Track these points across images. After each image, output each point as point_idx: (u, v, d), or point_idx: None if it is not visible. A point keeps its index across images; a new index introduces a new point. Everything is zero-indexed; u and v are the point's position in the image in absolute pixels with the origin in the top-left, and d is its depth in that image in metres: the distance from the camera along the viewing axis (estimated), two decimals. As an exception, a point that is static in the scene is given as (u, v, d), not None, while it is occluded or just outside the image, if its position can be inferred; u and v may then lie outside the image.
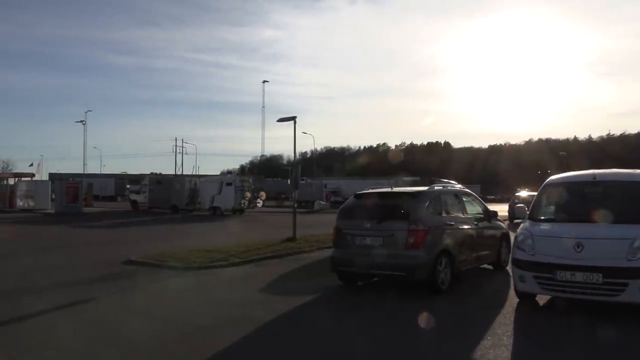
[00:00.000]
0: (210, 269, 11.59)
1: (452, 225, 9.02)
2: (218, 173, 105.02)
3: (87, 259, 13.47)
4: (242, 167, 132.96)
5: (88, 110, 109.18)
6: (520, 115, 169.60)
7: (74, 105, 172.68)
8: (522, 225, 8.06)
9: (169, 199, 38.07)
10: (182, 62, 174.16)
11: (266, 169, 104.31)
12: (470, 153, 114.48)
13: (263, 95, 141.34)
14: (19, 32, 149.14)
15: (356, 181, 59.90)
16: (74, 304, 8.19)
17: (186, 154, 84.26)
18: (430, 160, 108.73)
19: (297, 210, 36.89)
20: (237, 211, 36.02)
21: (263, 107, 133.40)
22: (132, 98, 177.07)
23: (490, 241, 10.42)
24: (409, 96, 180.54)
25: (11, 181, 43.52)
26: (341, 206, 9.63)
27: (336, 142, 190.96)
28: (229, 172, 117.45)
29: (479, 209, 10.44)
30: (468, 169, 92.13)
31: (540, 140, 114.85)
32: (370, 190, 10.01)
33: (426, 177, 63.48)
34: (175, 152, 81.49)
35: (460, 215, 9.59)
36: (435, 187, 9.52)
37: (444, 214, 9.08)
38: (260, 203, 37.35)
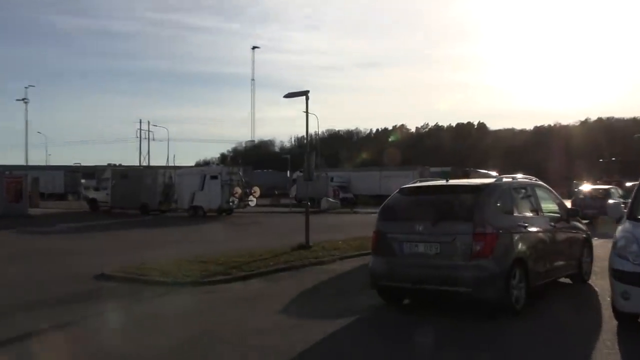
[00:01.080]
0: (209, 285, 11.47)
1: (526, 227, 8.87)
2: (192, 164, 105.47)
3: (50, 273, 13.34)
4: (224, 156, 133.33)
5: (29, 86, 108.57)
6: (573, 91, 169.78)
7: (11, 81, 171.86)
8: (621, 227, 7.91)
9: (137, 197, 38.12)
10: (147, 24, 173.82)
11: (254, 159, 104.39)
12: (510, 136, 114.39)
13: (253, 66, 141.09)
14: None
15: (370, 173, 60.03)
16: (44, 332, 8.05)
17: (153, 139, 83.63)
18: (460, 145, 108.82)
19: (299, 210, 36.92)
20: (224, 211, 36.05)
21: (253, 79, 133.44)
22: (84, 71, 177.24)
23: (570, 248, 10.30)
24: (433, 66, 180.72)
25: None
26: (383, 204, 9.49)
27: (342, 124, 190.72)
28: (207, 163, 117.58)
29: (554, 206, 10.31)
30: (507, 156, 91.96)
31: (600, 119, 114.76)
32: (421, 184, 9.87)
33: (458, 167, 64.17)
34: (140, 137, 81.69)
35: (535, 214, 9.46)
36: (504, 179, 9.37)
37: (516, 213, 8.95)
38: (253, 201, 37.26)
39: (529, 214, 9.31)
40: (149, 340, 7.69)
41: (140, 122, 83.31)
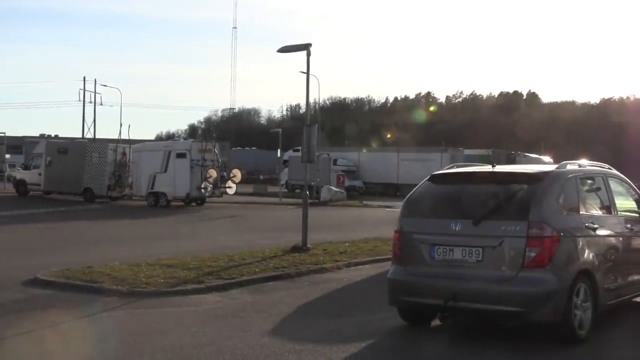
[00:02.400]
0: (176, 297, 11.60)
1: (595, 229, 8.89)
2: (152, 138, 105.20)
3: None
4: (194, 128, 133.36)
5: None
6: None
7: None
8: None
9: (79, 180, 38.23)
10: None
11: (234, 133, 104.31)
12: (570, 111, 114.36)
13: (235, 10, 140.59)
14: None
15: (385, 155, 60.06)
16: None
17: (102, 104, 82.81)
18: (505, 122, 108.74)
19: (292, 201, 37.15)
20: (194, 200, 36.17)
21: (234, 27, 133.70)
22: (7, 10, 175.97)
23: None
24: (465, 18, 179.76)
25: None
26: (408, 195, 9.50)
27: (350, 91, 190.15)
28: (171, 136, 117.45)
29: (632, 204, 10.33)
30: (567, 135, 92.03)
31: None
32: (458, 170, 9.86)
33: (502, 149, 64.17)
34: (84, 101, 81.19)
35: (607, 213, 9.49)
36: (568, 166, 9.38)
37: (582, 211, 8.95)
38: (232, 188, 37.14)
39: (599, 213, 9.32)
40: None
41: (84, 81, 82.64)
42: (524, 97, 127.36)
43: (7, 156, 63.37)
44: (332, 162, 53.12)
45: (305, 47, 16.82)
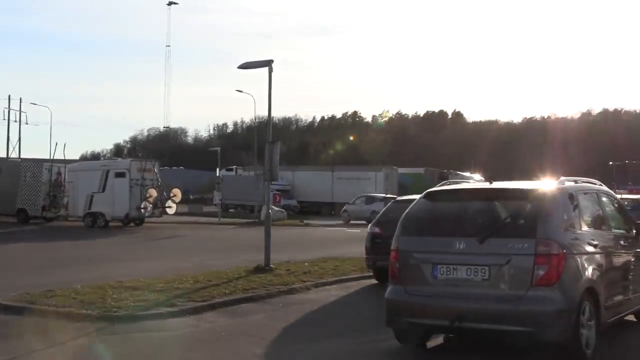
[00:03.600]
0: (150, 320, 11.01)
1: (596, 246, 8.76)
2: (77, 157, 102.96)
3: None
4: (119, 148, 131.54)
5: None
6: (570, 80, 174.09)
7: None
8: None
9: (12, 199, 37.25)
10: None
11: (159, 152, 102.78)
12: (493, 130, 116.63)
13: (168, 28, 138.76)
14: None
15: (320, 173, 59.86)
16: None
17: (27, 123, 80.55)
18: (431, 140, 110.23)
19: (229, 220, 36.77)
20: (133, 220, 35.41)
21: (168, 46, 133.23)
22: None
23: (640, 274, 10.27)
24: (389, 38, 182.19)
25: None
26: (404, 214, 9.18)
27: (278, 111, 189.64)
28: (97, 157, 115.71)
29: (621, 220, 10.28)
30: (493, 154, 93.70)
31: (605, 111, 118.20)
32: (456, 187, 9.62)
33: (435, 169, 64.88)
34: (9, 120, 78.79)
35: (603, 229, 9.41)
36: (567, 183, 9.23)
37: (584, 228, 8.81)
38: (172, 208, 36.49)
39: (597, 230, 9.22)
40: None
41: (9, 100, 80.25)
42: (449, 117, 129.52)
43: None
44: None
45: (268, 63, 16.48)
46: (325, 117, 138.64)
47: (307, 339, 10.14)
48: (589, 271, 8.47)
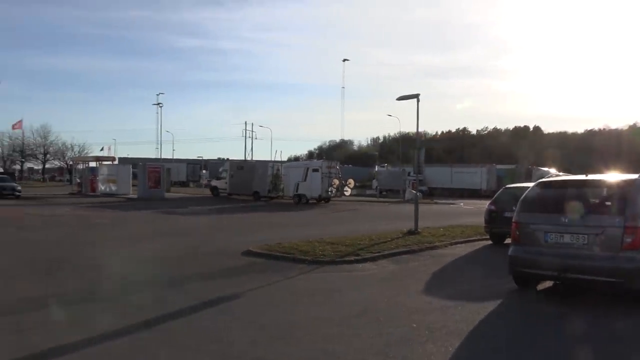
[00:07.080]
0: (345, 264, 10.90)
1: None
2: (286, 159, 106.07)
3: (204, 248, 13.23)
4: (311, 153, 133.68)
5: (160, 93, 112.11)
6: (620, 95, 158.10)
7: (140, 89, 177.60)
8: None
9: (250, 186, 38.23)
10: (245, 42, 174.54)
11: (335, 155, 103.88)
12: (562, 139, 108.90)
13: (343, 75, 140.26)
14: (88, 16, 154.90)
15: (443, 169, 58.14)
16: (225, 300, 7.68)
17: (256, 138, 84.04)
18: (517, 146, 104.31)
19: (384, 199, 35.97)
20: (323, 199, 35.56)
21: (343, 87, 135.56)
22: (200, 81, 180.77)
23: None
24: (486, 75, 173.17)
25: (92, 164, 45.24)
26: (522, 197, 8.53)
27: (410, 128, 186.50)
28: (297, 159, 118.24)
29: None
30: (562, 156, 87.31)
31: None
32: (561, 178, 8.90)
33: (523, 164, 61.27)
34: (245, 136, 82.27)
35: None
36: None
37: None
38: (348, 191, 36.62)
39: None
40: (317, 312, 7.13)
41: (245, 124, 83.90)
42: (531, 129, 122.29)
43: (203, 172, 64.95)
44: (407, 174, 51.86)
45: (415, 96, 16.01)
46: (444, 131, 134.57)
47: (449, 280, 9.72)
48: None
